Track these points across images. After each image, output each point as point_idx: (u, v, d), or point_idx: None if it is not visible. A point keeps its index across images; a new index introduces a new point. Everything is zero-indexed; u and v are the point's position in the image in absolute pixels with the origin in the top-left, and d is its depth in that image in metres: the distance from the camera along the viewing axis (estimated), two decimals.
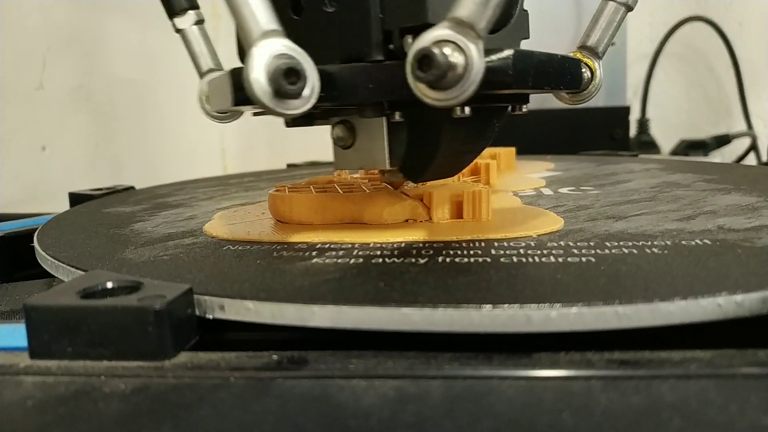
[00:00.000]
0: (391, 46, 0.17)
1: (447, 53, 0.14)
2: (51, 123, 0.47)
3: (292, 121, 0.20)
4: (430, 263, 0.16)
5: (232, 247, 0.19)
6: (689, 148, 0.70)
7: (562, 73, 0.18)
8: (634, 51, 0.76)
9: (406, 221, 0.21)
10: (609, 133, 0.61)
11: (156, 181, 0.40)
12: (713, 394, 0.11)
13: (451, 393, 0.11)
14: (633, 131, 0.71)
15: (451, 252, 0.17)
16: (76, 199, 0.33)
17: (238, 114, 0.22)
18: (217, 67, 0.24)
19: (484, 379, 0.12)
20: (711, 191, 0.26)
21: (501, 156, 0.36)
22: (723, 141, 0.72)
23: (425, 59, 0.14)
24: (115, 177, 0.50)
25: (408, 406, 0.11)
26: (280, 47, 0.14)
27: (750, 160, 0.73)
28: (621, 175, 0.33)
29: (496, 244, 0.18)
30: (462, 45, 0.14)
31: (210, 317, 0.14)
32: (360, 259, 0.17)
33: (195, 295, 0.14)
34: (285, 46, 0.14)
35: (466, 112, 0.17)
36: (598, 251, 0.17)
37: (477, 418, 0.10)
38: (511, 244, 0.18)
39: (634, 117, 0.71)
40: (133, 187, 0.37)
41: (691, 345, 0.13)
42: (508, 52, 0.15)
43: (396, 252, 0.18)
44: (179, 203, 0.30)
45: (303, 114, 0.15)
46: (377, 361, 0.13)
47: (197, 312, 0.14)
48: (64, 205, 0.33)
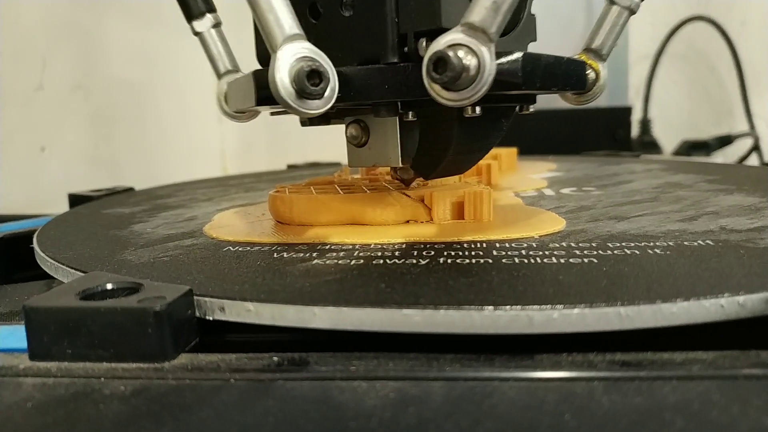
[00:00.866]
0: (406, 48, 0.18)
1: (461, 56, 0.15)
2: (50, 124, 0.47)
3: (308, 121, 0.21)
4: (431, 264, 0.16)
5: (232, 249, 0.19)
6: (691, 148, 0.69)
7: (568, 75, 0.19)
8: (636, 51, 0.76)
9: (407, 222, 0.21)
10: (611, 134, 0.61)
11: (155, 182, 0.40)
12: (715, 395, 0.11)
13: (453, 394, 0.11)
14: (635, 132, 0.71)
15: (453, 253, 0.17)
16: (75, 200, 0.33)
17: (255, 113, 0.23)
18: (234, 69, 0.25)
19: (485, 381, 0.12)
20: (713, 192, 0.26)
21: (502, 156, 0.36)
22: (725, 141, 0.72)
23: (440, 62, 0.15)
24: (115, 178, 0.50)
25: (409, 407, 0.11)
26: (303, 50, 0.15)
27: (752, 160, 0.73)
28: (623, 176, 0.33)
29: (497, 244, 0.18)
30: (475, 48, 0.15)
31: (210, 318, 0.14)
32: (361, 260, 0.17)
33: (195, 297, 0.14)
34: (307, 49, 0.15)
35: (477, 111, 0.17)
36: (600, 252, 0.17)
37: (478, 419, 0.10)
38: (513, 244, 0.18)
39: (636, 117, 0.71)
40: (133, 188, 0.37)
41: (694, 346, 0.13)
42: (517, 54, 0.16)
43: (397, 253, 0.18)
44: (179, 204, 0.30)
45: (319, 114, 0.16)
46: (378, 363, 0.13)
47: (197, 313, 0.14)
48: (63, 206, 0.33)
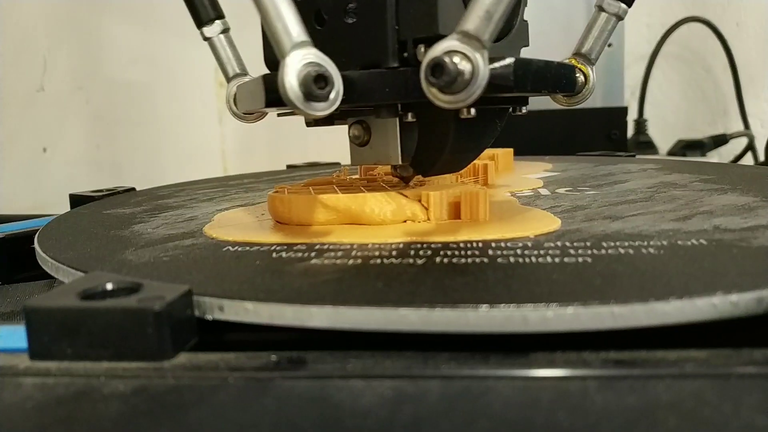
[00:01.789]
0: (405, 54, 0.19)
1: (456, 62, 0.16)
2: (52, 125, 0.47)
3: (313, 122, 0.22)
4: (427, 264, 0.16)
5: (231, 249, 0.19)
6: (686, 148, 0.70)
7: (558, 78, 0.20)
8: (631, 52, 0.76)
9: (404, 222, 0.21)
10: (606, 134, 0.61)
11: (156, 183, 0.40)
12: (708, 393, 0.11)
13: (448, 393, 0.11)
14: (630, 132, 0.71)
15: (449, 252, 0.17)
16: (76, 201, 0.33)
17: (263, 115, 0.24)
18: (243, 72, 0.26)
19: (480, 379, 0.12)
20: (708, 191, 0.26)
21: (499, 157, 0.36)
22: (720, 141, 0.72)
23: (437, 67, 0.16)
24: (116, 178, 0.50)
25: (405, 405, 0.11)
26: (310, 56, 0.16)
27: (747, 160, 0.73)
28: (618, 176, 0.33)
29: (493, 244, 0.18)
30: (469, 54, 0.16)
31: (209, 318, 0.14)
32: (358, 260, 0.17)
33: (194, 296, 0.14)
34: (314, 55, 0.16)
35: (471, 113, 0.18)
36: (594, 251, 0.17)
37: (474, 417, 0.11)
38: (509, 244, 0.18)
39: (631, 117, 0.71)
40: (134, 189, 0.37)
41: (687, 345, 0.13)
42: (509, 60, 0.17)
43: (394, 253, 0.18)
44: (179, 204, 0.30)
45: (323, 115, 0.17)
46: (375, 361, 0.13)
47: (197, 313, 0.14)
48: (64, 207, 0.33)
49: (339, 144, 0.22)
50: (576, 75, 0.22)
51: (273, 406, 0.11)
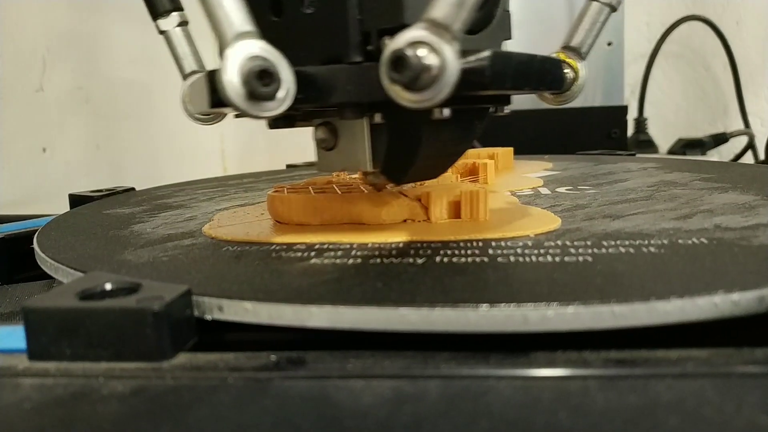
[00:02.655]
0: (370, 47, 0.17)
1: (421, 55, 0.14)
2: (51, 125, 0.47)
3: (273, 123, 0.20)
4: (427, 263, 0.16)
5: (230, 248, 0.19)
6: (686, 146, 0.70)
7: (542, 74, 0.18)
8: (631, 51, 0.76)
9: (404, 221, 0.21)
10: (606, 133, 0.61)
11: (156, 183, 0.40)
12: (710, 393, 0.11)
13: (448, 393, 0.11)
14: (630, 130, 0.71)
15: (449, 252, 0.17)
16: (75, 201, 0.33)
17: (220, 116, 0.22)
18: (200, 69, 0.24)
19: (481, 379, 0.12)
20: (708, 190, 0.26)
21: (499, 156, 0.36)
22: (720, 140, 0.73)
23: (399, 61, 0.14)
24: (115, 178, 0.50)
25: (405, 405, 0.11)
26: (254, 49, 0.14)
27: (747, 158, 0.73)
28: (618, 175, 0.33)
29: (493, 243, 0.18)
30: (436, 46, 0.14)
31: (209, 318, 0.14)
32: (358, 260, 0.17)
33: (193, 296, 0.14)
34: (259, 47, 0.14)
35: (445, 113, 0.16)
36: (595, 250, 0.17)
37: (474, 417, 0.11)
38: (509, 243, 0.18)
39: (631, 116, 0.71)
40: (133, 189, 0.37)
41: (688, 344, 0.13)
42: (485, 53, 0.15)
43: (394, 252, 0.18)
44: (179, 204, 0.30)
45: (282, 115, 0.15)
46: (374, 361, 0.13)
47: (196, 313, 0.14)
48: (64, 207, 0.33)
49: None
50: (564, 71, 0.20)
51: (272, 406, 0.11)
